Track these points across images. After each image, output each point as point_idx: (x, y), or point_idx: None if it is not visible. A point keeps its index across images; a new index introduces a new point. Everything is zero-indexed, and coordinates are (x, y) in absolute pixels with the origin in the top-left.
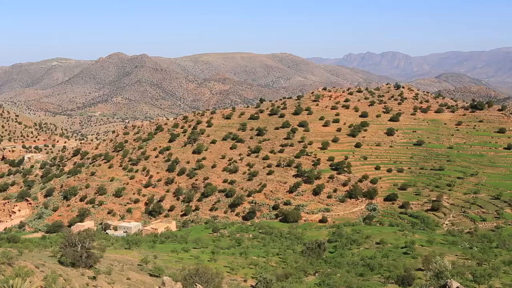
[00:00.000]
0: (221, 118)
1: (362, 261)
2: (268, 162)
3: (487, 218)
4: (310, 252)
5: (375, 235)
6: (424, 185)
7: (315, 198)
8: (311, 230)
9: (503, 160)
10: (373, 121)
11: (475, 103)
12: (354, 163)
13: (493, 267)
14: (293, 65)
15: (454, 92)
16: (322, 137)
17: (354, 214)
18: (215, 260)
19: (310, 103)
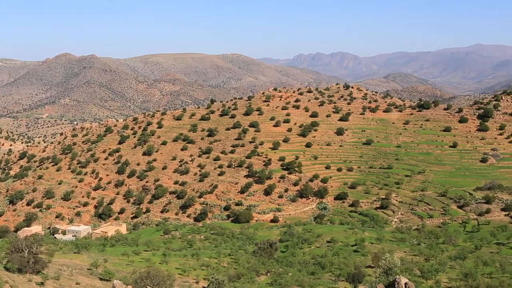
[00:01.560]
0: (171, 119)
1: (313, 259)
2: (219, 163)
3: (434, 214)
4: (262, 252)
5: (326, 234)
6: (373, 184)
7: (266, 198)
8: (263, 230)
9: (449, 158)
10: (323, 121)
11: (422, 103)
12: (305, 162)
13: (440, 263)
14: (243, 66)
15: (402, 92)
16: (273, 137)
17: (305, 213)
18: (167, 262)
19: (261, 104)
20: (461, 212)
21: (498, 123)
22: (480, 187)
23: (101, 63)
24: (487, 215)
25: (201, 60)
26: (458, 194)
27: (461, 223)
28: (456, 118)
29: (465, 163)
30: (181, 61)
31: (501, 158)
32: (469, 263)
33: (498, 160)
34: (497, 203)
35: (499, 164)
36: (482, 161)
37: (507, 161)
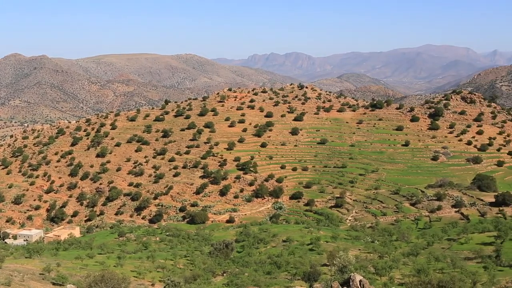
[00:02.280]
0: (125, 120)
1: (269, 259)
2: (174, 164)
3: (387, 212)
4: (218, 252)
5: (281, 233)
6: (328, 183)
7: (222, 199)
8: (219, 230)
9: (401, 157)
10: (278, 121)
11: (375, 102)
12: (260, 162)
13: (394, 259)
14: (198, 66)
15: (355, 92)
16: (228, 137)
17: (261, 213)
18: (122, 265)
19: (215, 104)
20: (414, 209)
21: (448, 121)
22: (431, 185)
23: (53, 64)
24: (439, 212)
25: (155, 60)
26: (411, 191)
27: (414, 220)
28: (408, 117)
29: (417, 161)
30: (135, 61)
31: (451, 156)
32: (422, 259)
33: (449, 158)
34: (448, 200)
35: (449, 162)
36: (433, 159)
37: (457, 159)
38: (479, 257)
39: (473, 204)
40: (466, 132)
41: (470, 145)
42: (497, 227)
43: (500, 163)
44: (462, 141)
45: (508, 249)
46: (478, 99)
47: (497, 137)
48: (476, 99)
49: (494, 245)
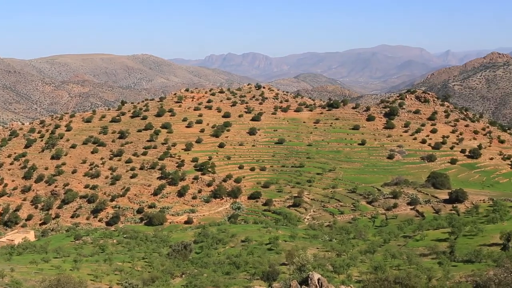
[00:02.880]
0: (81, 121)
1: (228, 259)
2: (131, 165)
3: (344, 211)
4: (177, 254)
5: (240, 233)
6: (286, 182)
7: (180, 200)
8: (177, 232)
9: (358, 155)
10: (235, 121)
11: (332, 102)
12: (218, 163)
13: (351, 257)
14: (155, 67)
15: (312, 92)
16: (186, 138)
17: (219, 213)
18: (78, 269)
19: (173, 105)
20: (370, 207)
21: (403, 120)
22: (387, 183)
23: (5, 64)
24: (395, 210)
25: (110, 61)
26: (367, 190)
27: (371, 218)
28: (364, 117)
29: (373, 160)
30: (90, 62)
31: (407, 154)
32: (379, 257)
33: (404, 157)
34: (403, 197)
35: (404, 160)
36: (389, 158)
37: (412, 157)
38: (434, 253)
39: (428, 202)
40: (421, 131)
41: (424, 144)
42: (451, 223)
43: (453, 161)
44: (416, 140)
45: (461, 245)
46: (431, 99)
47: (450, 135)
48: (430, 99)
49: (448, 241)
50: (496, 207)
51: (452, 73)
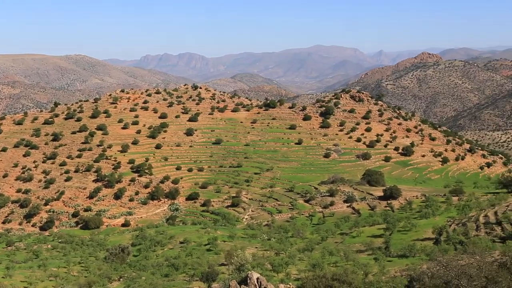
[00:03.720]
0: (11, 124)
1: (166, 261)
2: (65, 168)
3: (282, 210)
4: (114, 257)
5: (178, 235)
6: (224, 183)
7: (116, 202)
8: (114, 235)
9: (295, 155)
10: (172, 122)
11: (268, 102)
12: (155, 164)
13: (290, 256)
14: (89, 67)
15: (249, 92)
16: (122, 139)
17: (157, 215)
18: (10, 276)
19: (108, 106)
20: (308, 206)
21: (338, 120)
22: (324, 181)
23: None
24: (332, 207)
25: (42, 61)
26: (304, 188)
27: (308, 216)
28: (301, 116)
29: (310, 158)
30: (21, 62)
31: (342, 153)
32: (316, 254)
33: (340, 155)
34: (340, 195)
35: (340, 158)
36: (325, 156)
37: (348, 156)
38: (370, 249)
39: (364, 199)
40: (356, 130)
41: (359, 142)
42: (385, 219)
43: (387, 159)
44: (352, 138)
45: (396, 240)
46: (366, 98)
47: (384, 133)
48: (364, 98)
49: (384, 237)
50: (428, 203)
51: (385, 73)
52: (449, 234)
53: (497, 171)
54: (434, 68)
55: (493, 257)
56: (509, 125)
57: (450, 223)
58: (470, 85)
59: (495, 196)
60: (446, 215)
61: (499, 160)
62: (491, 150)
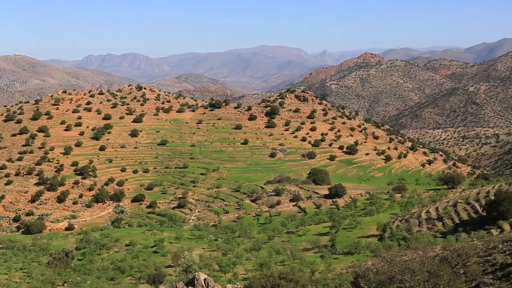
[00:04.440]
0: None
1: (112, 265)
2: (5, 171)
3: (229, 210)
4: (58, 262)
5: (124, 237)
6: (170, 184)
7: (60, 206)
8: (58, 239)
9: (241, 155)
10: (116, 123)
11: (214, 102)
12: (99, 166)
13: (237, 256)
14: (29, 68)
15: (194, 92)
16: (65, 141)
17: (102, 218)
18: None
19: (50, 107)
20: (254, 205)
21: (284, 119)
22: (270, 181)
23: None
24: (278, 207)
25: None
26: (251, 188)
27: (255, 216)
28: (246, 116)
29: (256, 158)
30: None
31: (288, 152)
32: (264, 253)
33: (285, 154)
34: (286, 194)
35: (286, 158)
36: (271, 156)
37: (293, 155)
38: (316, 247)
39: (309, 197)
40: (301, 129)
41: (304, 141)
42: (331, 217)
43: (332, 157)
44: (297, 138)
45: (341, 238)
46: (310, 97)
47: (328, 133)
48: (308, 97)
49: (329, 235)
50: (372, 200)
51: (329, 73)
52: (392, 230)
53: (438, 168)
54: (377, 68)
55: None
56: (449, 123)
57: (393, 220)
58: (411, 85)
59: (436, 193)
60: (390, 212)
61: (439, 158)
62: (432, 147)
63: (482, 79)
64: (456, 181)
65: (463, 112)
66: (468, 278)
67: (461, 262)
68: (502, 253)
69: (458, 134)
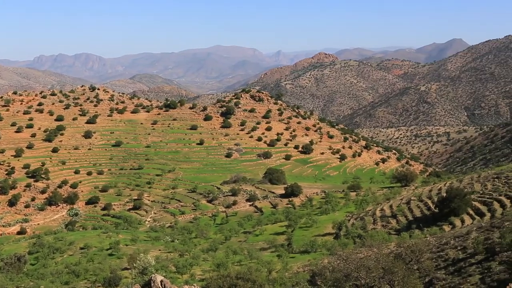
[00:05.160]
0: None
1: (66, 268)
2: None
3: (185, 211)
4: (9, 267)
5: (79, 240)
6: (125, 185)
7: (11, 210)
8: (9, 243)
9: (197, 155)
10: (69, 124)
11: (169, 103)
12: (52, 168)
13: (194, 256)
14: None
15: (149, 93)
16: (15, 144)
17: (56, 221)
18: None
19: None
20: (211, 206)
21: (239, 119)
22: (226, 181)
23: None
24: (234, 207)
25: None
26: (207, 189)
27: (211, 217)
28: (202, 116)
29: (211, 159)
30: None
31: (244, 152)
32: (220, 254)
33: (241, 154)
34: (242, 194)
35: (242, 158)
36: (227, 156)
37: (249, 155)
38: (273, 247)
39: (266, 197)
40: (256, 129)
41: (260, 141)
42: (287, 217)
43: (287, 157)
44: (253, 138)
45: (298, 237)
46: (265, 97)
47: (284, 132)
48: (264, 97)
49: (286, 234)
50: (328, 199)
51: (283, 73)
52: (348, 228)
53: (392, 166)
54: (331, 68)
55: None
56: (402, 122)
57: (349, 218)
58: (364, 84)
59: (390, 191)
60: (345, 210)
61: (393, 156)
62: (386, 146)
63: (433, 79)
64: (409, 179)
65: (415, 111)
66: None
67: (414, 258)
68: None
69: (411, 132)
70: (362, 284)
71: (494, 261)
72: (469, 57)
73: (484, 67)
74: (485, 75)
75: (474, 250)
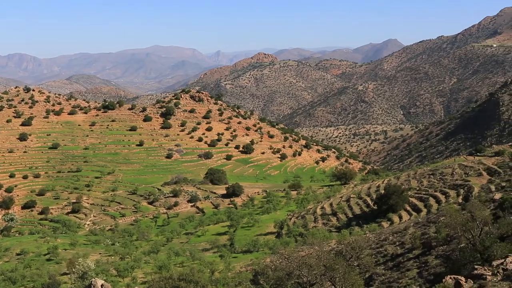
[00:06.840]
0: None
1: (2, 275)
2: None
3: (126, 213)
4: None
5: (15, 246)
6: (63, 188)
7: None
8: None
9: (136, 157)
10: (3, 127)
11: (107, 104)
12: None
13: (135, 259)
14: None
15: (86, 93)
16: None
17: None
18: None
19: None
20: (152, 207)
21: (179, 120)
22: (167, 182)
23: None
24: (176, 208)
25: None
26: (148, 190)
27: (152, 218)
28: (141, 117)
29: (152, 160)
30: None
31: (184, 153)
32: (162, 256)
33: (182, 155)
34: (183, 195)
35: (183, 158)
36: (167, 157)
37: (190, 155)
38: (216, 247)
39: (207, 198)
40: (197, 129)
41: (201, 142)
42: (229, 217)
43: (228, 157)
44: (193, 138)
45: (240, 237)
46: (205, 98)
47: (224, 132)
48: (204, 98)
49: (228, 234)
50: (269, 198)
51: (223, 73)
52: (289, 227)
53: (331, 165)
54: (270, 68)
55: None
56: (340, 121)
57: (290, 217)
58: (304, 84)
59: (330, 189)
60: (286, 209)
61: (332, 154)
62: (325, 145)
63: (370, 78)
64: (348, 177)
65: (353, 110)
66: (362, 270)
67: (355, 254)
68: (393, 244)
69: (349, 131)
70: (304, 282)
71: (430, 255)
72: (404, 57)
73: (419, 67)
74: (419, 75)
75: (411, 245)
